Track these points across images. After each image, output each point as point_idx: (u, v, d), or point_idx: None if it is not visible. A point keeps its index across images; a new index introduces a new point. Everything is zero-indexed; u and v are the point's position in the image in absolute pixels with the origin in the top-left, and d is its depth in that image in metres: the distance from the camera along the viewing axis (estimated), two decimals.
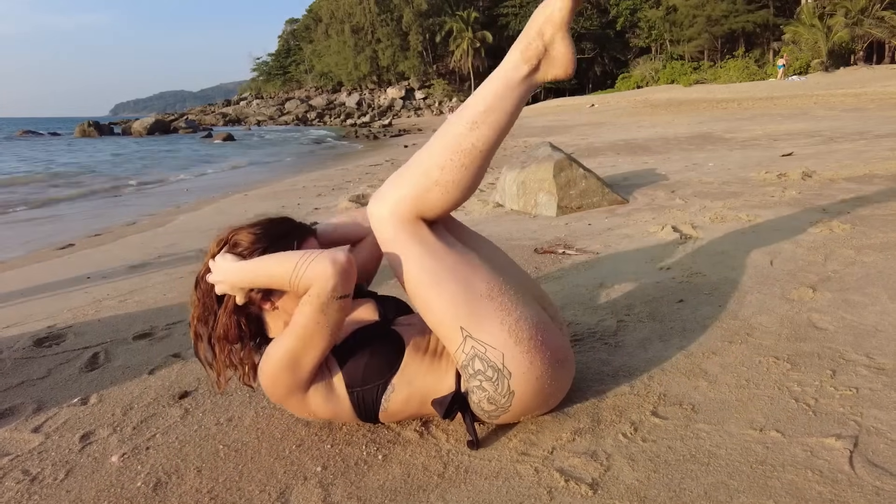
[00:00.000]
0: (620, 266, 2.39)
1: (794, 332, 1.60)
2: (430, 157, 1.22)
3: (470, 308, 1.16)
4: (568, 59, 1.21)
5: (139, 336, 2.10)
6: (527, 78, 1.22)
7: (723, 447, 1.13)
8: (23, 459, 1.32)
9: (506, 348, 1.15)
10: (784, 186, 3.90)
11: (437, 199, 1.21)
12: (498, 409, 1.19)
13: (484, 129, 1.20)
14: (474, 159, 1.20)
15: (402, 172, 1.27)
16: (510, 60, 1.22)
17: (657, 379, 1.43)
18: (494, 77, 1.23)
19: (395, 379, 1.24)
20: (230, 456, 1.27)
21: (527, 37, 1.22)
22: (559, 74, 1.23)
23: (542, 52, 1.21)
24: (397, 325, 1.34)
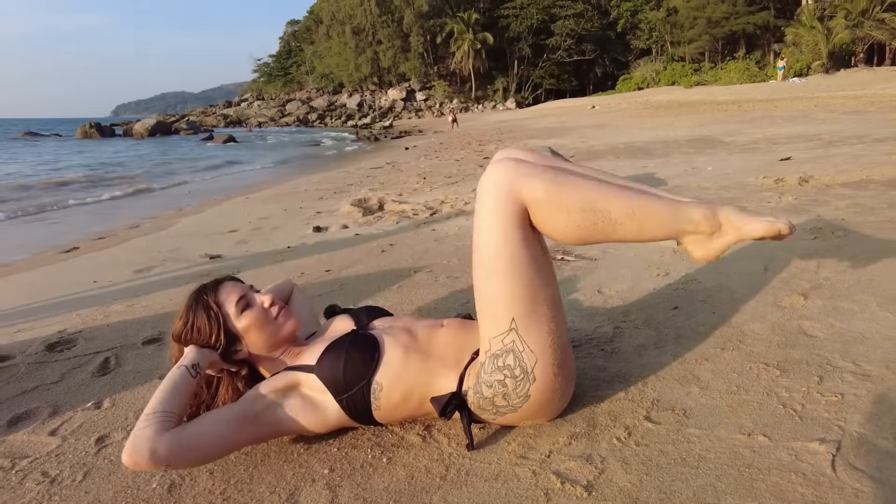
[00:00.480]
0: (618, 272, 2.44)
1: (784, 339, 1.66)
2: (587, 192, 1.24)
3: (529, 306, 1.22)
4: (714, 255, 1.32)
5: (148, 341, 2.16)
6: (684, 232, 1.29)
7: (712, 451, 1.19)
8: (42, 461, 1.37)
9: (541, 356, 1.22)
10: (781, 192, 3.96)
11: (551, 222, 1.24)
12: (508, 406, 1.25)
13: (632, 224, 1.24)
14: (605, 231, 1.25)
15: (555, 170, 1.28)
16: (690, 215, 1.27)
17: (651, 385, 1.49)
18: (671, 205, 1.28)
19: (379, 377, 1.29)
20: (240, 459, 1.32)
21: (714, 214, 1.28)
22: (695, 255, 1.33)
23: (710, 233, 1.29)
24: (373, 328, 1.41)
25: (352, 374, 1.27)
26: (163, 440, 1.13)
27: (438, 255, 3.16)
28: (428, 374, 1.29)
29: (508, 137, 16.29)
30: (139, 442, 1.13)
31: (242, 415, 1.25)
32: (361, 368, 1.28)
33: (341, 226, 4.65)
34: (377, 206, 5.37)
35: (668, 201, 1.28)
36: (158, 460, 1.12)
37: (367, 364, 1.28)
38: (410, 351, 1.31)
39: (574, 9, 51.23)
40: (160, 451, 1.12)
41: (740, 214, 1.28)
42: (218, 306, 1.34)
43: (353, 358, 1.28)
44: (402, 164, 10.91)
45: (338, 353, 1.30)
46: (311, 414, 1.29)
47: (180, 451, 1.15)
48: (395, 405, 1.30)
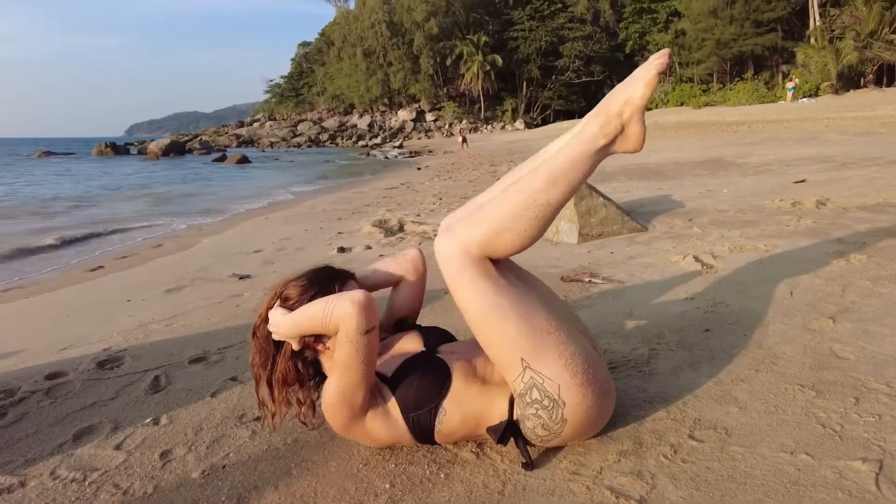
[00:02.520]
0: (647, 296, 2.51)
1: (816, 362, 1.71)
2: (506, 205, 1.33)
3: (531, 342, 1.28)
4: (640, 137, 1.35)
5: (194, 360, 2.24)
6: (602, 149, 1.34)
7: (757, 468, 1.24)
8: (111, 474, 1.45)
9: (562, 380, 1.28)
10: (799, 215, 4.01)
11: (506, 244, 1.33)
12: (550, 434, 1.31)
13: (561, 188, 1.32)
14: (546, 213, 1.32)
15: (473, 212, 1.39)
16: (589, 132, 1.34)
17: (691, 405, 1.55)
18: (574, 144, 1.35)
19: (446, 402, 1.36)
20: (302, 474, 1.39)
21: (607, 114, 1.34)
22: (630, 149, 1.37)
23: (619, 129, 1.34)
24: (441, 352, 1.48)
25: (423, 396, 1.35)
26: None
27: None
28: (484, 402, 1.36)
29: (519, 158, 16.42)
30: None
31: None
32: (433, 392, 1.36)
33: (365, 246, 4.74)
34: (398, 227, 5.47)
35: (571, 144, 1.36)
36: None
37: (439, 389, 1.36)
38: (471, 379, 1.38)
39: (582, 31, 51.83)
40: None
41: (622, 93, 1.34)
42: None
43: (427, 381, 1.36)
44: (416, 185, 11.04)
45: (412, 373, 1.38)
46: (381, 420, 1.37)
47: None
48: (453, 429, 1.37)
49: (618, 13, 52.33)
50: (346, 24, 61.79)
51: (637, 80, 1.33)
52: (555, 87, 54.26)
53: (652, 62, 1.32)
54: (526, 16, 54.26)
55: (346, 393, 1.34)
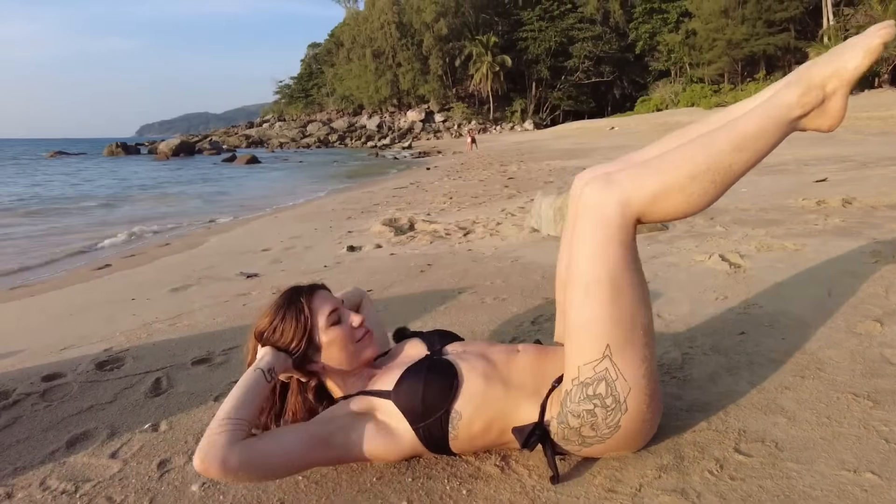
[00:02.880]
0: (673, 296, 2.37)
1: (868, 368, 1.58)
2: (686, 163, 1.17)
3: (627, 332, 1.16)
4: (840, 115, 1.18)
5: (197, 361, 2.13)
6: (794, 121, 1.19)
7: (817, 488, 1.11)
8: (105, 486, 1.34)
9: (636, 385, 1.16)
10: (826, 214, 3.86)
11: (673, 206, 1.17)
12: (596, 437, 1.18)
13: (746, 154, 1.16)
14: (725, 179, 1.17)
15: (641, 166, 1.23)
16: (785, 100, 1.18)
17: (733, 414, 1.42)
18: (766, 109, 1.19)
19: (458, 405, 1.23)
20: (311, 488, 1.27)
21: (808, 83, 1.17)
22: (825, 127, 1.20)
23: (819, 102, 1.17)
24: (447, 354, 1.36)
25: (430, 401, 1.22)
26: (234, 451, 1.09)
27: (480, 276, 3.12)
28: (509, 404, 1.24)
29: (529, 158, 16.31)
30: (212, 449, 1.09)
31: (315, 435, 1.21)
32: (440, 396, 1.23)
33: (375, 245, 4.63)
34: (408, 226, 5.35)
35: (762, 109, 1.20)
36: (228, 470, 1.08)
37: (447, 392, 1.23)
38: (491, 379, 1.26)
39: (592, 31, 51.61)
40: (231, 461, 1.08)
41: (833, 62, 1.16)
42: (310, 312, 1.31)
43: (432, 385, 1.23)
44: (425, 185, 10.94)
45: (416, 379, 1.25)
46: (383, 440, 1.24)
47: (250, 465, 1.11)
48: (473, 435, 1.24)
49: (628, 13, 52.09)
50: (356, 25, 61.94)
51: (854, 48, 1.14)
52: (564, 88, 54.08)
53: (875, 30, 1.12)
54: (535, 16, 54.16)
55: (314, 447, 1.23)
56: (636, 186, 1.17)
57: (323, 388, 1.38)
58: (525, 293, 2.66)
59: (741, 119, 1.20)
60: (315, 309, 1.33)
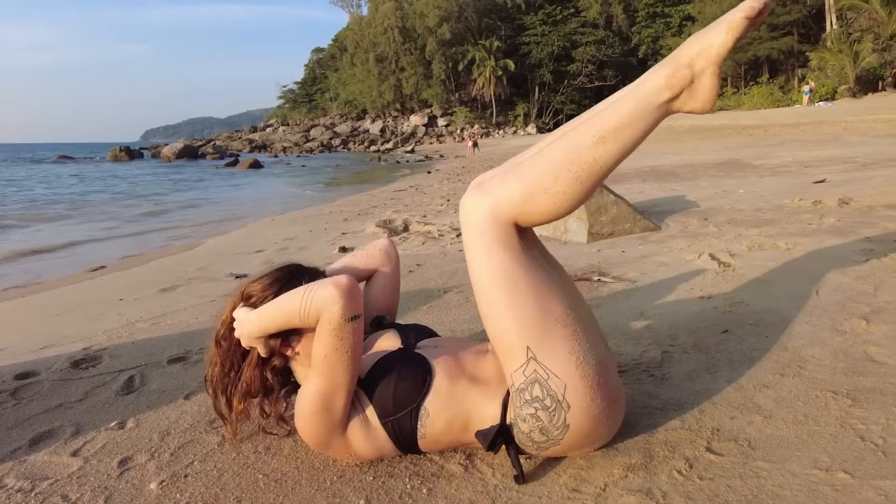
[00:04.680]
0: (659, 295, 2.34)
1: (850, 366, 1.54)
2: (547, 163, 1.15)
3: (542, 329, 1.12)
4: (712, 95, 1.12)
5: (173, 360, 2.10)
6: (666, 104, 1.12)
7: (787, 488, 1.07)
8: (62, 484, 1.31)
9: (570, 380, 1.11)
10: (821, 214, 3.81)
11: (541, 208, 1.14)
12: (549, 440, 1.15)
13: (610, 147, 1.11)
14: (591, 175, 1.13)
15: (510, 169, 1.21)
16: (652, 83, 1.13)
17: (708, 413, 1.38)
18: (631, 95, 1.15)
19: (428, 402, 1.21)
20: (270, 486, 1.24)
21: (676, 63, 1.12)
22: (697, 108, 1.14)
23: (688, 82, 1.11)
24: (421, 348, 1.33)
25: (402, 396, 1.20)
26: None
27: (467, 276, 3.07)
28: (472, 402, 1.20)
29: None
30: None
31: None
32: (413, 392, 1.20)
33: None
34: (402, 227, 5.32)
35: (629, 95, 1.15)
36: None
37: (419, 387, 1.21)
38: (457, 376, 1.23)
39: (595, 35, 51.63)
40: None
41: (699, 40, 1.11)
42: None
43: (405, 379, 1.21)
44: (425, 187, 10.93)
45: (388, 371, 1.23)
46: (360, 427, 1.22)
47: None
48: (438, 433, 1.21)
49: (630, 18, 52.13)
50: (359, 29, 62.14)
51: (718, 25, 1.10)
52: (567, 92, 54.07)
53: (742, 5, 1.06)
54: (538, 21, 54.23)
55: (326, 396, 1.19)
56: (503, 192, 1.15)
57: (286, 370, 1.34)
58: None
59: (604, 111, 1.15)
60: None
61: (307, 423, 1.22)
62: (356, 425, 1.23)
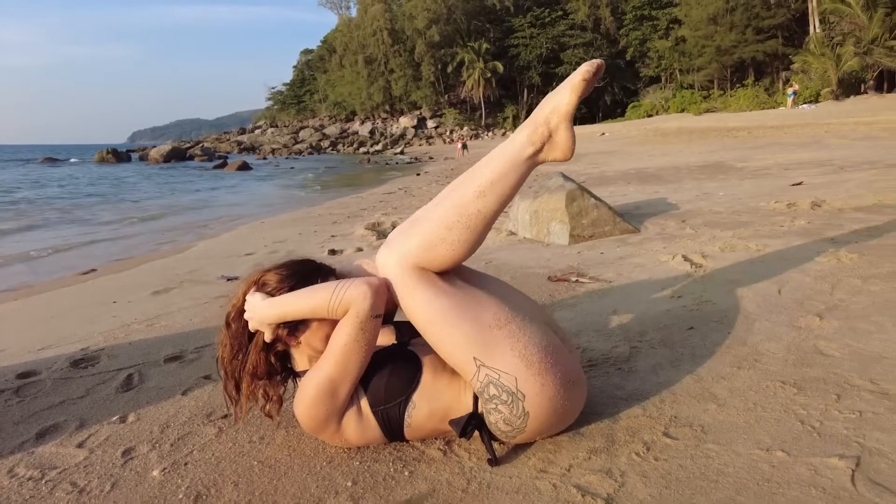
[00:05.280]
0: (633, 294, 2.46)
1: (800, 359, 1.67)
2: (439, 217, 1.33)
3: (480, 339, 1.25)
4: (568, 145, 1.35)
5: (170, 359, 2.20)
6: (531, 158, 1.35)
7: (731, 466, 1.20)
8: (70, 472, 1.41)
9: (518, 372, 1.24)
10: (794, 216, 3.97)
11: (442, 255, 1.32)
12: (514, 429, 1.26)
13: (489, 199, 1.32)
14: (478, 223, 1.32)
15: (410, 225, 1.38)
16: (518, 141, 1.35)
17: (668, 402, 1.50)
18: (502, 153, 1.36)
19: (416, 395, 1.33)
20: (264, 472, 1.35)
21: (534, 123, 1.35)
22: (558, 157, 1.36)
23: (546, 137, 1.34)
24: (413, 345, 1.44)
25: (393, 388, 1.32)
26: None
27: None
28: (452, 395, 1.33)
29: None
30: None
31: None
32: (403, 385, 1.32)
33: (356, 248, 4.70)
34: (391, 230, 5.43)
35: (500, 153, 1.36)
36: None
37: (410, 382, 1.33)
38: (440, 371, 1.35)
39: (583, 38, 52.01)
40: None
41: (549, 101, 1.34)
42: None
43: (398, 374, 1.33)
44: (414, 190, 11.03)
45: (383, 365, 1.34)
46: (354, 417, 1.33)
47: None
48: (422, 422, 1.34)
49: (618, 20, 52.54)
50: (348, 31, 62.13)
51: (563, 87, 1.34)
52: None
53: (579, 69, 1.32)
54: (527, 23, 54.50)
55: (335, 382, 1.30)
56: (406, 246, 1.33)
57: (287, 355, 1.44)
58: None
59: (483, 167, 1.36)
60: None
61: (310, 406, 1.32)
62: (353, 413, 1.34)
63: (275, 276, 1.41)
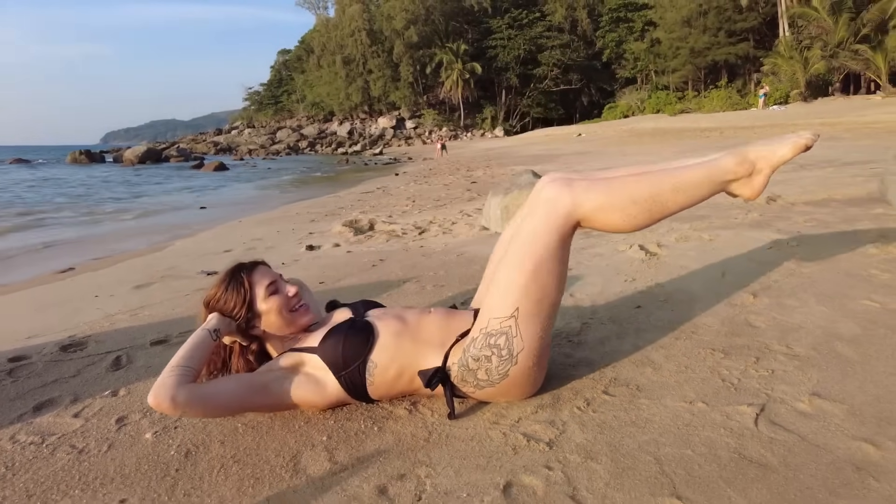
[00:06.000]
0: (589, 279, 2.65)
1: (731, 330, 1.87)
2: (631, 188, 1.44)
3: (535, 305, 1.41)
4: (760, 189, 1.52)
5: (156, 342, 2.32)
6: (726, 183, 1.51)
7: (658, 415, 1.38)
8: (69, 437, 1.54)
9: (528, 347, 1.42)
10: (748, 210, 4.21)
11: (610, 219, 1.44)
12: (489, 381, 1.43)
13: (680, 196, 1.46)
14: (659, 211, 1.46)
15: (598, 180, 1.48)
16: (724, 164, 1.49)
17: (611, 367, 1.69)
18: (705, 166, 1.50)
19: (374, 356, 1.47)
20: (248, 432, 1.50)
21: (745, 157, 1.50)
22: (745, 195, 1.53)
23: (748, 173, 1.50)
24: (369, 316, 1.59)
25: (350, 353, 1.47)
26: (183, 390, 1.33)
27: (426, 268, 3.36)
28: (417, 354, 1.48)
29: (496, 164, 16.63)
30: (163, 388, 1.32)
31: (254, 382, 1.45)
32: (358, 349, 1.47)
33: (333, 244, 4.84)
34: (368, 227, 5.58)
35: (703, 165, 1.51)
36: (176, 406, 1.32)
37: (364, 345, 1.47)
38: (402, 334, 1.50)
39: (560, 39, 52.58)
40: (179, 398, 1.32)
41: (767, 146, 1.50)
42: (250, 285, 1.54)
43: (350, 340, 1.47)
44: (391, 189, 11.17)
45: (337, 336, 1.49)
46: (312, 388, 1.48)
47: (196, 403, 1.35)
48: (389, 382, 1.49)
49: (595, 22, 53.24)
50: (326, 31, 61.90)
51: (785, 141, 1.49)
52: (533, 95, 54.91)
53: (806, 133, 1.49)
54: (505, 24, 54.90)
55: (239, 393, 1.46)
56: (588, 195, 1.44)
57: (263, 352, 1.61)
58: (462, 281, 2.92)
59: (687, 168, 1.51)
60: (255, 282, 1.56)
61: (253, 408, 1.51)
62: (311, 385, 1.48)
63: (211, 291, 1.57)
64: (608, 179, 1.48)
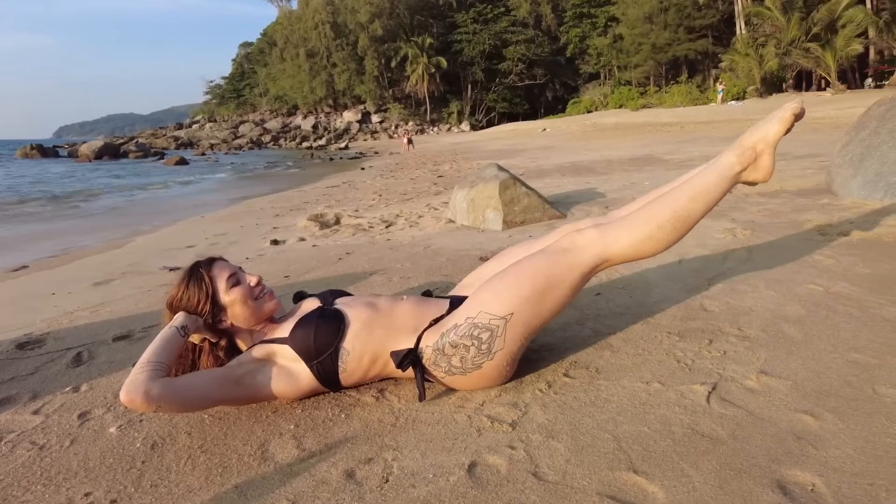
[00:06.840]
0: None
1: (687, 314, 1.95)
2: (653, 216, 1.52)
3: (529, 317, 1.47)
4: (769, 170, 1.57)
5: (118, 338, 2.29)
6: (736, 175, 1.57)
7: (616, 395, 1.44)
8: (29, 434, 1.52)
9: (507, 350, 1.47)
10: None
11: (643, 251, 1.54)
12: (462, 368, 1.47)
13: (699, 204, 1.53)
14: (684, 225, 1.53)
15: (624, 221, 1.56)
16: (727, 160, 1.57)
17: (571, 351, 1.74)
18: (711, 169, 1.58)
19: (346, 344, 1.49)
20: (215, 422, 1.50)
21: (742, 146, 1.57)
22: (759, 179, 1.59)
23: (752, 160, 1.57)
24: (338, 304, 1.61)
25: (321, 342, 1.48)
26: (156, 384, 1.32)
27: (393, 261, 3.38)
28: (389, 340, 1.50)
29: (462, 158, 16.69)
30: (134, 384, 1.31)
31: (226, 376, 1.45)
32: (329, 337, 1.48)
33: (298, 238, 4.81)
34: (334, 221, 5.55)
35: (710, 168, 1.60)
36: (150, 400, 1.30)
37: (335, 332, 1.49)
38: (374, 320, 1.52)
39: (525, 34, 52.89)
40: (153, 392, 1.31)
41: (759, 130, 1.57)
42: (210, 280, 1.53)
43: (322, 328, 1.49)
44: (358, 183, 11.10)
45: (308, 325, 1.50)
46: (285, 380, 1.49)
47: (170, 396, 1.34)
48: (363, 368, 1.51)
49: (559, 17, 53.70)
50: (289, 24, 60.91)
51: (773, 119, 1.55)
52: (499, 90, 55.13)
53: (789, 105, 1.54)
54: (469, 19, 54.94)
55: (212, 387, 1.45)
56: (617, 239, 1.52)
57: (233, 347, 1.60)
58: (428, 272, 2.95)
59: (696, 177, 1.59)
60: (215, 276, 1.56)
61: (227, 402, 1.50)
62: (283, 376, 1.49)
63: (173, 290, 1.58)
64: (630, 217, 1.58)
